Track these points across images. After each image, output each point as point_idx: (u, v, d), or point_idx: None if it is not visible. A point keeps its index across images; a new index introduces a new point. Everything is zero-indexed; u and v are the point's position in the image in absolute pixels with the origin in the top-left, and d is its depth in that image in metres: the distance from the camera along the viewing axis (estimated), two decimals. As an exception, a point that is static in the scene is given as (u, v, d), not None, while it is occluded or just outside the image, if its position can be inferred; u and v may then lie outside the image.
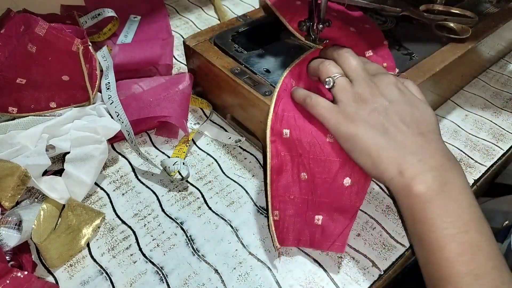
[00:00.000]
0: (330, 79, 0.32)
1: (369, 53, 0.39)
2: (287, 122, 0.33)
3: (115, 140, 0.43)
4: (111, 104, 0.41)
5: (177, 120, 0.41)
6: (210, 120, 0.46)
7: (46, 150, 0.37)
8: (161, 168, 0.39)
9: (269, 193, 0.32)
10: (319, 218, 0.32)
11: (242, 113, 0.42)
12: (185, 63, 0.49)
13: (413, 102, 0.31)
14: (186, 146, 0.42)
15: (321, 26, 0.39)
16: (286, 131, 0.32)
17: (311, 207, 0.32)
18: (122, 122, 0.40)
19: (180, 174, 0.39)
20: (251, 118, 0.41)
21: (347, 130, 0.29)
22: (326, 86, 0.32)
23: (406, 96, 0.31)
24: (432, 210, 0.26)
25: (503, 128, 0.45)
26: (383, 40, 0.41)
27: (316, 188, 0.32)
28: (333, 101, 0.32)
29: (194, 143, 0.44)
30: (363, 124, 0.29)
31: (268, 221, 0.33)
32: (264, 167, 0.40)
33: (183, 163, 0.38)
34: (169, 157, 0.42)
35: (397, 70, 0.37)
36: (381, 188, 0.39)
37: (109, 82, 0.43)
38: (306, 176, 0.32)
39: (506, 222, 0.52)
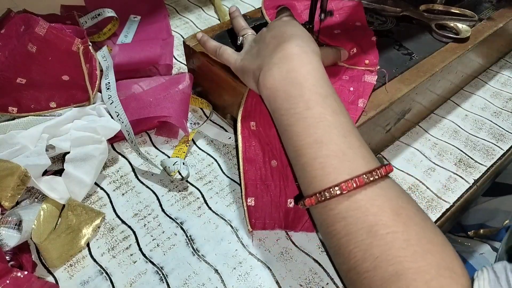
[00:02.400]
0: (241, 37, 0.38)
1: (353, 50, 0.40)
2: (253, 115, 0.35)
3: (115, 140, 0.43)
4: (111, 104, 0.41)
5: (177, 120, 0.41)
6: (210, 120, 0.46)
7: (46, 150, 0.37)
8: (161, 168, 0.39)
9: (242, 181, 0.34)
10: (291, 201, 0.34)
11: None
12: (185, 63, 0.49)
13: (293, 23, 0.35)
14: (186, 146, 0.42)
15: (323, 15, 0.39)
16: (253, 123, 0.35)
17: (284, 192, 0.34)
18: (122, 122, 0.40)
19: (180, 174, 0.39)
20: None
21: (239, 64, 0.35)
22: (238, 43, 0.39)
23: (289, 22, 0.35)
24: (278, 97, 0.30)
25: (503, 128, 0.45)
26: (371, 36, 0.42)
27: (287, 173, 0.34)
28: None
29: (194, 143, 0.44)
30: (248, 56, 0.35)
31: (243, 207, 0.35)
32: (237, 157, 0.41)
33: (183, 163, 0.38)
34: (169, 157, 0.42)
35: (378, 67, 0.38)
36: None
37: (109, 82, 0.43)
38: (276, 163, 0.34)
39: (507, 221, 0.53)
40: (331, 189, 0.26)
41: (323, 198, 0.26)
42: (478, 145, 0.44)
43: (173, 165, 0.38)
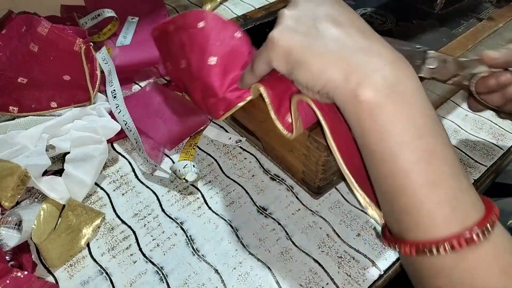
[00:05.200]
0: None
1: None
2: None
3: (118, 137, 0.42)
4: (119, 113, 0.41)
5: (153, 152, 0.41)
6: (212, 121, 0.46)
7: (46, 150, 0.37)
8: (170, 173, 0.39)
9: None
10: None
11: (242, 113, 0.42)
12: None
13: (341, 3, 0.26)
14: (194, 148, 0.42)
15: None
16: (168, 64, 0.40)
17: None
18: (130, 131, 0.40)
19: (188, 177, 0.39)
20: (251, 118, 0.41)
21: (280, 45, 0.25)
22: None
23: None
24: (382, 117, 0.23)
25: (503, 128, 0.45)
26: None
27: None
28: None
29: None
30: (292, 34, 0.25)
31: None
32: None
33: (193, 166, 0.38)
34: (172, 160, 0.42)
35: None
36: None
37: (114, 90, 0.43)
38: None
39: (510, 222, 0.52)
40: (439, 244, 0.22)
41: (427, 252, 0.22)
42: (478, 145, 0.44)
43: (184, 168, 0.38)
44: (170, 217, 0.36)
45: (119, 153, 0.42)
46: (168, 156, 0.42)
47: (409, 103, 0.23)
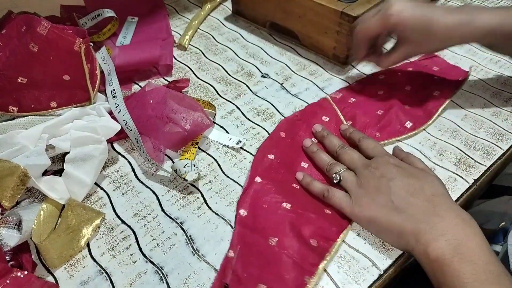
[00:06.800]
0: (337, 175, 0.37)
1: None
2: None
3: (118, 137, 0.42)
4: (118, 112, 0.41)
5: (156, 153, 0.40)
6: (214, 122, 0.46)
7: (46, 150, 0.37)
8: (171, 171, 0.39)
9: None
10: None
11: (282, 14, 0.51)
12: (185, 63, 0.48)
13: (412, 173, 0.35)
14: (195, 147, 0.42)
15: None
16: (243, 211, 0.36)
17: None
18: (131, 130, 0.40)
19: (189, 176, 0.39)
20: (289, 16, 0.51)
21: (364, 215, 0.34)
22: (334, 181, 0.37)
23: (405, 170, 0.35)
24: (447, 273, 0.29)
25: (502, 128, 0.45)
26: None
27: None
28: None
29: (194, 143, 0.43)
30: (374, 206, 0.33)
31: None
32: None
33: (194, 165, 0.38)
34: (172, 160, 0.42)
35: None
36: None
37: (114, 90, 0.43)
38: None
39: (503, 224, 0.52)
40: None
41: None
42: (478, 144, 0.44)
43: (184, 167, 0.38)
44: (170, 217, 0.36)
45: (119, 153, 0.42)
46: (168, 156, 0.42)
47: (471, 261, 0.28)
